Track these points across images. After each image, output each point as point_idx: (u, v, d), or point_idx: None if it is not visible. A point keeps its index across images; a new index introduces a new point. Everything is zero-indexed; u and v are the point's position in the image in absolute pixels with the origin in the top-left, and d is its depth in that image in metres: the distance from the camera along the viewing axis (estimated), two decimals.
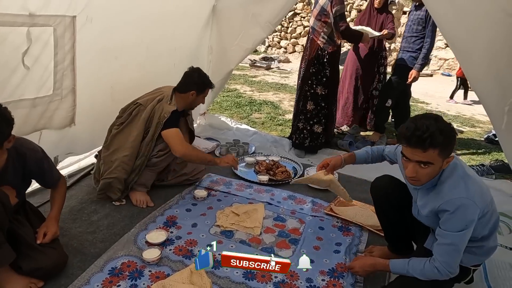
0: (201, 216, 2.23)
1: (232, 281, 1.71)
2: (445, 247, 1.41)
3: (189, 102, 2.37)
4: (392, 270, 1.58)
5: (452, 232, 1.37)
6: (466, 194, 1.37)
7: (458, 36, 2.35)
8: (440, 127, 1.32)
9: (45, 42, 1.87)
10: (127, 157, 2.22)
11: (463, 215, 1.35)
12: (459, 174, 1.43)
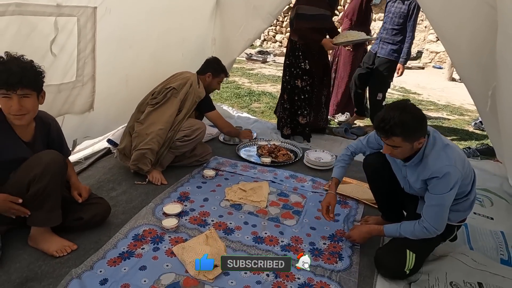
0: (211, 192, 2.44)
1: (243, 244, 1.92)
2: (432, 208, 1.63)
3: (206, 84, 2.73)
4: (386, 234, 1.81)
5: (440, 194, 1.60)
6: (449, 161, 1.60)
7: (446, 27, 2.56)
8: (402, 119, 1.53)
9: (70, 32, 2.05)
10: (162, 130, 2.43)
11: (448, 179, 1.58)
12: (440, 147, 1.65)
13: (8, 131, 1.65)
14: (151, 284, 1.60)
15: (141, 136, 2.41)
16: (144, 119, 2.46)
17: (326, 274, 1.74)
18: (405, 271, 1.72)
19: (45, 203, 1.68)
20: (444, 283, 1.74)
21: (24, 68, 1.52)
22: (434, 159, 1.63)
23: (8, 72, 1.48)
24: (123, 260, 1.74)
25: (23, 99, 1.55)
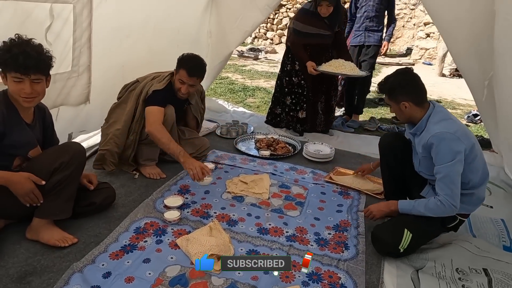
0: (211, 184, 2.39)
1: (248, 235, 1.89)
2: (442, 180, 1.66)
3: (173, 83, 2.37)
4: (400, 209, 1.81)
5: (443, 164, 1.64)
6: (447, 129, 1.66)
7: (445, 17, 2.57)
8: (389, 80, 1.81)
9: (65, 19, 1.98)
10: (119, 130, 2.30)
11: (448, 146, 1.62)
12: (441, 117, 1.74)
13: (15, 113, 1.62)
14: (156, 277, 1.55)
15: (103, 135, 2.36)
16: (108, 117, 2.40)
17: (333, 263, 1.72)
18: (399, 249, 1.72)
19: (63, 192, 1.69)
20: (450, 269, 1.74)
21: (39, 53, 1.51)
22: (433, 126, 1.72)
23: (24, 55, 1.45)
24: (126, 253, 1.69)
25: (34, 83, 1.53)
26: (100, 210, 1.98)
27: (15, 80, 1.50)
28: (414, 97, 1.76)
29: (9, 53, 1.45)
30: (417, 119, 1.79)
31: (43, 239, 1.70)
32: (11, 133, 1.60)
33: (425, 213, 1.74)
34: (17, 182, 1.53)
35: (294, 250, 1.80)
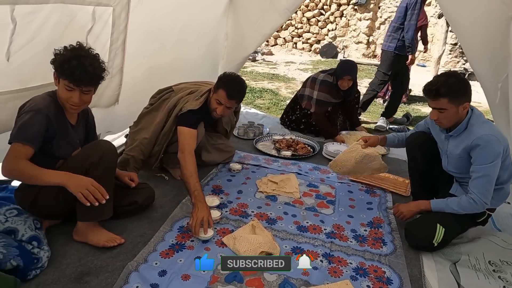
0: (242, 184, 2.44)
1: (289, 233, 1.94)
2: (479, 180, 1.74)
3: (210, 101, 2.25)
4: (433, 207, 1.89)
5: (484, 164, 1.71)
6: (492, 132, 1.74)
7: (461, 23, 2.68)
8: (448, 81, 1.73)
9: (105, 22, 1.99)
10: (146, 140, 2.27)
11: (491, 148, 1.70)
12: (483, 120, 1.81)
13: (62, 114, 1.64)
14: (211, 274, 1.59)
15: (131, 139, 2.35)
16: (138, 121, 2.39)
17: (375, 258, 1.79)
18: (433, 243, 1.81)
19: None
20: (483, 262, 1.83)
21: (95, 67, 1.53)
22: (478, 127, 1.77)
23: (81, 69, 1.48)
24: (176, 252, 1.72)
25: (83, 94, 1.56)
26: (141, 210, 2.01)
27: (66, 88, 1.53)
28: (470, 99, 1.79)
29: (68, 64, 1.47)
30: (460, 121, 1.82)
31: (92, 241, 1.71)
32: (59, 133, 1.62)
33: (458, 210, 1.83)
34: (75, 176, 1.53)
35: (335, 246, 1.86)
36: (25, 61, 1.70)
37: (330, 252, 1.81)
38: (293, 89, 5.78)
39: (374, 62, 9.71)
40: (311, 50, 11.12)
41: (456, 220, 1.87)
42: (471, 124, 1.80)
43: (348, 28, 10.57)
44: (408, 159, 2.22)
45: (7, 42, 1.57)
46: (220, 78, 2.20)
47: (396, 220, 2.13)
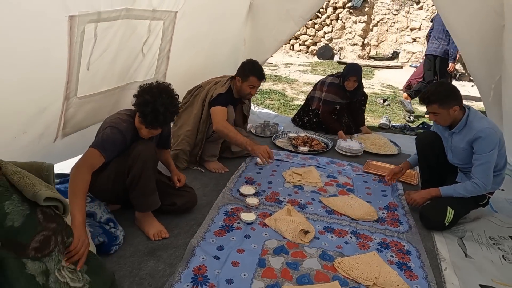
0: (270, 176, 2.74)
1: (319, 215, 2.25)
2: (481, 166, 2.08)
3: (237, 89, 2.69)
4: (443, 193, 2.21)
5: (485, 153, 2.05)
6: (490, 125, 2.09)
7: (460, 30, 3.03)
8: (437, 91, 2.09)
9: (157, 33, 2.27)
10: (189, 131, 2.61)
11: (491, 139, 2.04)
12: (480, 116, 2.16)
13: (136, 134, 1.90)
14: (261, 248, 1.89)
15: (174, 137, 2.64)
16: (177, 120, 2.68)
17: (394, 235, 2.11)
18: (445, 223, 2.14)
19: (140, 189, 1.87)
20: (485, 238, 2.17)
21: (166, 116, 1.76)
22: (478, 122, 2.11)
23: (154, 115, 1.73)
24: (227, 232, 2.01)
25: (154, 131, 1.85)
26: (181, 212, 2.13)
27: (144, 127, 1.79)
28: (461, 102, 2.14)
29: (144, 107, 1.72)
30: (458, 120, 2.17)
31: (144, 230, 1.96)
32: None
33: (464, 194, 2.16)
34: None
35: (360, 226, 2.17)
36: (98, 69, 1.98)
37: (357, 230, 2.12)
38: (298, 90, 6.10)
39: (370, 64, 10.11)
40: (308, 52, 11.47)
41: (463, 203, 2.20)
42: (470, 120, 2.13)
43: (343, 31, 10.95)
44: (418, 154, 2.53)
45: (89, 54, 1.83)
46: (245, 67, 2.63)
47: (408, 205, 2.45)
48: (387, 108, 5.37)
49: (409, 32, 10.51)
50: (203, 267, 1.71)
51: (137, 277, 1.65)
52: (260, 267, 1.75)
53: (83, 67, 1.85)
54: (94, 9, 1.75)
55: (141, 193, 1.87)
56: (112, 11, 1.87)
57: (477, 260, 1.96)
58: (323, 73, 8.33)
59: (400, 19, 13.32)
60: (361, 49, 10.84)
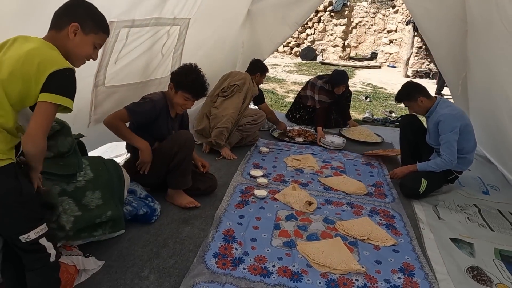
0: (274, 161, 3.14)
1: (319, 191, 2.67)
2: (445, 144, 2.56)
3: (256, 82, 3.38)
4: (418, 168, 2.69)
5: (446, 133, 2.54)
6: (451, 112, 2.57)
7: (431, 34, 3.53)
8: (400, 91, 2.77)
9: (174, 37, 2.62)
10: (233, 113, 3.08)
11: (449, 122, 2.53)
12: (447, 104, 2.67)
13: (167, 108, 2.27)
14: (275, 216, 2.29)
15: (218, 117, 3.04)
16: (219, 105, 3.10)
17: (382, 205, 2.55)
18: (419, 191, 2.61)
19: (181, 170, 2.25)
20: (454, 205, 2.64)
21: (207, 84, 2.21)
22: (441, 109, 2.62)
23: (202, 85, 2.17)
24: (245, 205, 2.40)
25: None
26: (203, 195, 2.44)
27: (184, 98, 2.16)
28: (425, 93, 2.66)
29: (191, 82, 2.12)
30: (429, 108, 2.67)
31: (177, 202, 2.33)
32: (159, 120, 2.24)
33: (435, 168, 2.63)
34: (149, 150, 2.15)
35: (353, 199, 2.60)
36: (124, 65, 2.32)
37: (351, 202, 2.55)
38: (287, 89, 6.53)
39: (350, 64, 10.69)
40: (291, 53, 11.96)
41: (434, 177, 2.67)
42: (438, 108, 2.64)
43: (325, 33, 11.51)
44: (400, 132, 3.02)
45: (118, 51, 2.17)
46: (261, 65, 3.49)
47: (392, 182, 2.90)
48: (369, 104, 5.87)
49: (386, 34, 11.16)
50: (231, 230, 2.09)
51: (178, 239, 2.01)
52: (276, 229, 2.15)
53: (112, 61, 2.18)
54: (130, 17, 2.09)
55: (181, 174, 2.25)
56: (144, 19, 2.22)
57: (447, 221, 2.42)
58: (307, 73, 8.81)
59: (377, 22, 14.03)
60: (342, 50, 11.42)
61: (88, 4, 1.36)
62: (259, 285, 1.70)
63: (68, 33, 1.29)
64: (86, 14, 1.34)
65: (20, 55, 1.17)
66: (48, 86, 1.18)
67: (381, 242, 2.10)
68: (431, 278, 1.84)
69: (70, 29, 1.29)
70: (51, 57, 1.21)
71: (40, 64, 1.17)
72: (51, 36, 1.29)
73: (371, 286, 1.75)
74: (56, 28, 1.30)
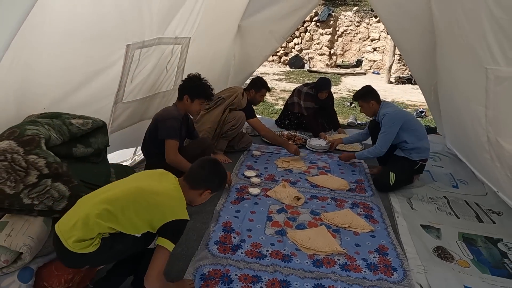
0: (266, 163, 3.45)
1: (306, 188, 2.98)
2: (382, 135, 3.00)
3: (251, 98, 3.62)
4: (356, 155, 3.23)
5: (384, 127, 2.97)
6: (389, 111, 3.01)
7: (404, 45, 3.91)
8: (358, 92, 3.22)
9: (176, 55, 2.93)
10: (210, 127, 3.35)
11: (387, 119, 2.98)
12: (389, 105, 3.15)
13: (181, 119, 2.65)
14: (268, 210, 2.59)
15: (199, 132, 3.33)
16: (199, 119, 3.41)
17: (362, 199, 2.87)
18: (390, 183, 2.96)
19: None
20: (426, 197, 2.98)
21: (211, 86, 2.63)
22: (382, 110, 3.08)
23: (210, 88, 2.60)
24: (240, 201, 2.70)
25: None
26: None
27: (201, 103, 2.58)
28: (377, 99, 3.12)
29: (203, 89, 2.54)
30: (377, 110, 3.12)
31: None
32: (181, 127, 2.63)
33: (368, 155, 3.16)
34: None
35: (337, 194, 2.92)
36: (137, 82, 2.62)
37: (334, 196, 2.87)
38: (276, 97, 6.88)
39: (337, 71, 11.13)
40: (280, 61, 12.37)
41: (400, 168, 3.02)
42: (380, 110, 3.09)
43: (312, 42, 11.96)
44: (370, 135, 3.39)
45: (133, 71, 2.48)
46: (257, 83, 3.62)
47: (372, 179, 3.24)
48: (353, 109, 6.25)
49: (370, 42, 11.66)
50: (229, 222, 2.39)
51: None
52: (269, 221, 2.46)
53: (128, 80, 2.49)
54: (140, 39, 2.40)
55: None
56: (150, 40, 2.53)
57: (419, 211, 2.76)
58: (296, 81, 9.19)
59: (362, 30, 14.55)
60: (328, 58, 11.87)
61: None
62: (255, 266, 2.00)
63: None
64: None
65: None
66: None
67: (360, 229, 2.42)
68: (402, 256, 2.16)
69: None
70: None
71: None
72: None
73: (350, 264, 2.06)
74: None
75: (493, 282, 2.02)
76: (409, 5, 3.51)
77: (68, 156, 1.80)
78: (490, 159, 2.75)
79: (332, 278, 1.94)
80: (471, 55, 2.61)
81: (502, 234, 2.50)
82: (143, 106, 2.83)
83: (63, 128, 1.76)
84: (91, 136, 1.91)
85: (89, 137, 1.91)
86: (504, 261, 2.22)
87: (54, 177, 1.63)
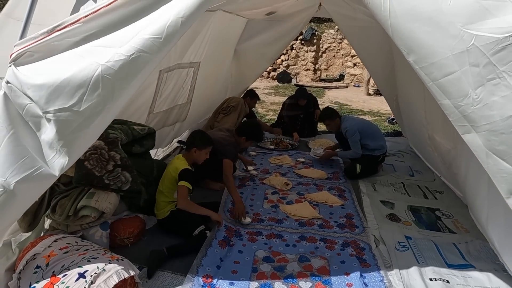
0: (261, 160, 4.28)
1: (294, 178, 3.81)
2: (352, 144, 3.84)
3: (248, 104, 4.60)
4: (339, 156, 4.05)
5: (350, 137, 3.82)
6: (348, 124, 3.85)
7: (370, 64, 4.83)
8: (322, 114, 4.13)
9: (190, 76, 3.76)
10: (231, 126, 4.10)
11: (350, 132, 3.82)
12: (347, 118, 3.98)
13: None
14: (264, 192, 3.39)
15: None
16: (220, 120, 4.29)
17: (337, 185, 3.70)
18: (356, 172, 3.82)
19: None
20: (386, 183, 3.83)
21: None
22: (344, 124, 3.90)
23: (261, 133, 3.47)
24: (242, 187, 3.49)
25: None
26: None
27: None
28: (338, 115, 3.99)
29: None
30: (339, 125, 3.96)
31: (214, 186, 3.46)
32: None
33: (349, 156, 3.97)
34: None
35: (318, 181, 3.75)
36: (163, 98, 3.43)
37: (315, 183, 3.70)
38: (267, 108, 7.74)
39: (321, 85, 12.12)
40: (269, 77, 13.32)
41: (364, 161, 3.88)
42: (342, 124, 3.93)
43: (298, 58, 12.97)
44: (338, 142, 4.28)
45: (161, 89, 3.29)
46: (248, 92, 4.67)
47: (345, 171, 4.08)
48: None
49: (351, 58, 12.72)
50: None
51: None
52: (265, 200, 3.26)
53: (158, 96, 3.30)
54: (168, 65, 3.22)
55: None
56: (173, 65, 3.35)
57: (380, 192, 3.60)
58: (284, 94, 10.10)
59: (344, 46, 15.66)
60: (313, 73, 12.87)
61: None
62: (257, 226, 2.80)
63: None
64: None
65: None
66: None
67: (334, 203, 3.25)
68: (363, 219, 2.98)
69: None
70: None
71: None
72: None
73: (325, 224, 2.88)
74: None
75: (426, 234, 2.85)
76: (375, 37, 4.42)
77: (128, 152, 2.57)
78: (431, 151, 3.63)
79: (312, 233, 2.75)
80: (416, 74, 3.49)
81: (440, 205, 3.36)
82: (165, 115, 3.63)
83: (128, 132, 2.54)
84: (144, 139, 2.69)
85: (143, 139, 2.69)
86: (437, 222, 3.06)
87: (123, 167, 2.41)
